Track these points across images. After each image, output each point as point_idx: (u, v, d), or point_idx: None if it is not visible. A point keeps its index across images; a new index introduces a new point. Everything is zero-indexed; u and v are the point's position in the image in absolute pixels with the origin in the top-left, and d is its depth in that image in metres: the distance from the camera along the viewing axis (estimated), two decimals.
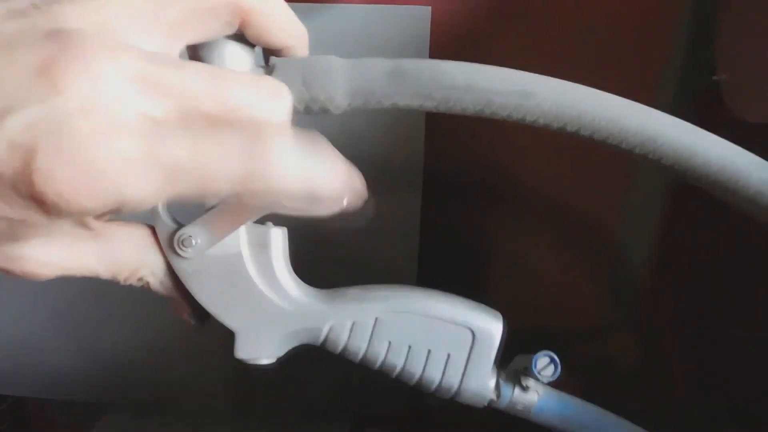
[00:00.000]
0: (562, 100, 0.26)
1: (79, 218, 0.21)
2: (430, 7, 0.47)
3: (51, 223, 0.18)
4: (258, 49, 0.26)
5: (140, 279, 0.25)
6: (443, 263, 0.52)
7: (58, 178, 0.16)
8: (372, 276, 0.50)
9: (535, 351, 0.27)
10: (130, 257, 0.24)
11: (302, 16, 0.25)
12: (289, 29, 0.24)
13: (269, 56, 0.26)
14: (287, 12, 0.24)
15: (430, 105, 0.27)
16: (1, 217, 0.17)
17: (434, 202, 0.50)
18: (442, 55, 0.46)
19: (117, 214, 0.19)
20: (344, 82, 0.26)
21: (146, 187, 0.17)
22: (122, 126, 0.17)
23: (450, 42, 0.47)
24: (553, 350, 0.27)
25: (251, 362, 0.26)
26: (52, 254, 0.21)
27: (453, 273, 0.53)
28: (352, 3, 0.47)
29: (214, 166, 0.19)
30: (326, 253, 0.50)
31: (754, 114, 0.37)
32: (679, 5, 0.45)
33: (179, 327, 0.27)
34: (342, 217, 0.25)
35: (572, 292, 0.52)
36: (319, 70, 0.25)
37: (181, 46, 0.21)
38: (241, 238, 0.25)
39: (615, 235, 0.51)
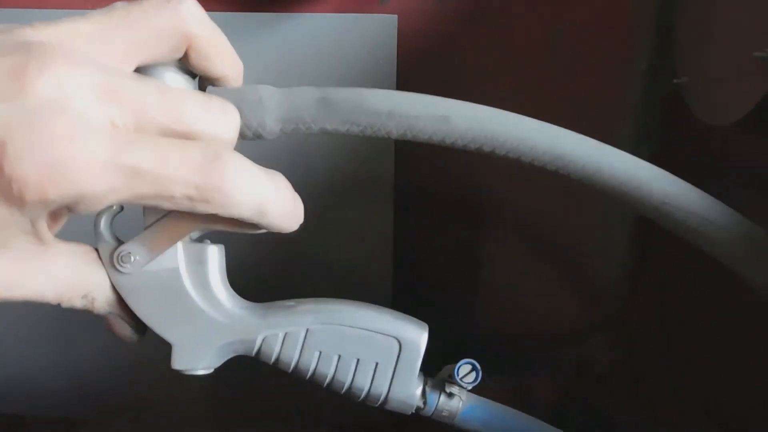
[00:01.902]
0: (476, 123, 0.28)
1: (36, 221, 0.22)
2: (396, 16, 0.48)
3: (8, 226, 0.19)
4: (196, 81, 0.28)
5: (85, 296, 0.26)
6: (417, 274, 0.53)
7: (27, 167, 0.18)
8: (347, 288, 0.52)
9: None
10: (77, 275, 0.25)
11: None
12: (227, 59, 0.27)
13: (206, 86, 0.28)
14: (227, 43, 0.27)
15: (356, 130, 0.29)
16: None
17: (406, 213, 0.51)
18: (410, 62, 0.48)
19: (74, 210, 0.21)
20: (275, 109, 0.28)
21: (107, 184, 0.19)
22: (87, 126, 0.19)
23: (417, 49, 0.48)
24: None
25: (188, 373, 0.27)
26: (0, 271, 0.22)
27: (428, 283, 0.53)
28: (320, 12, 0.48)
29: (171, 171, 0.21)
30: (301, 267, 0.51)
31: (713, 116, 0.38)
32: (643, 10, 0.46)
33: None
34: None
35: (548, 298, 0.53)
36: (251, 98, 0.27)
37: (132, 67, 0.23)
38: (179, 254, 0.27)
39: (589, 240, 0.52)
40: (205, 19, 0.25)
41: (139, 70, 0.25)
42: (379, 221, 0.51)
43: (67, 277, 0.25)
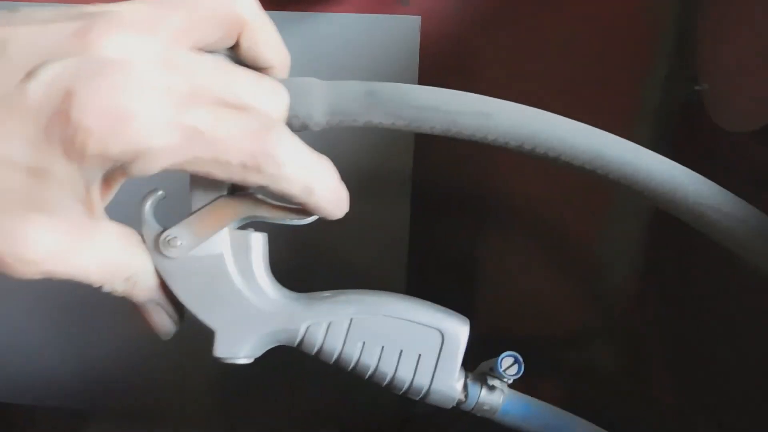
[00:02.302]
0: (518, 121, 0.29)
1: (91, 184, 0.22)
2: (419, 17, 0.48)
3: (65, 187, 0.19)
4: None
5: (128, 279, 0.25)
6: (431, 272, 0.53)
7: (92, 116, 0.18)
8: (362, 284, 0.51)
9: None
10: (123, 256, 0.25)
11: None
12: (277, 48, 0.27)
13: None
14: (276, 34, 0.27)
15: (400, 124, 0.29)
16: (23, 168, 0.18)
17: (423, 211, 0.51)
18: (432, 63, 0.48)
19: (130, 171, 0.20)
20: (323, 101, 0.29)
21: (166, 141, 0.19)
22: (149, 85, 0.19)
23: (440, 51, 0.48)
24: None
25: (229, 361, 0.27)
26: (50, 238, 0.21)
27: (440, 281, 0.53)
28: (343, 12, 0.48)
29: (229, 134, 0.21)
30: (317, 262, 0.51)
31: (734, 123, 0.38)
32: (663, 16, 0.47)
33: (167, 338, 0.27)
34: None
35: (555, 300, 0.53)
36: (300, 90, 0.28)
37: (187, 47, 0.23)
38: (224, 240, 0.27)
39: (596, 243, 0.53)
40: (257, 6, 0.26)
41: None
42: (396, 218, 0.51)
43: (114, 257, 0.24)
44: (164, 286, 0.26)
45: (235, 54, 0.27)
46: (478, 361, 0.30)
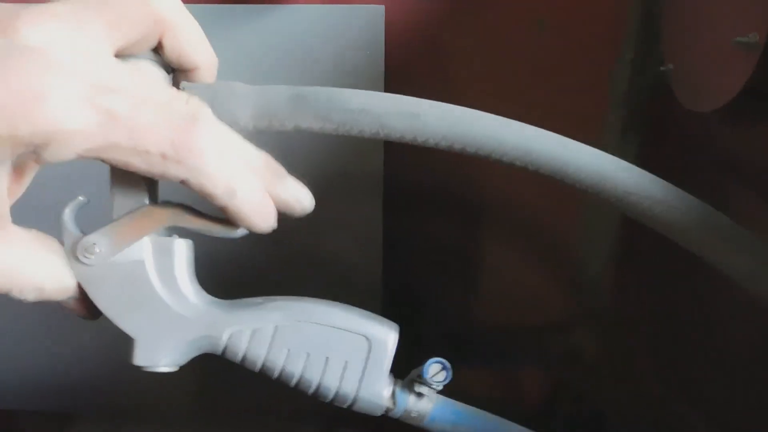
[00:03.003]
0: (446, 121, 0.28)
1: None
2: (383, 6, 0.47)
3: None
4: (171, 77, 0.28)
5: (39, 289, 0.25)
6: (408, 269, 0.53)
7: (1, 95, 0.18)
8: (335, 286, 0.51)
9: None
10: (25, 264, 0.24)
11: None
12: (201, 48, 0.27)
13: (180, 81, 0.28)
14: (201, 34, 0.27)
15: (329, 127, 0.29)
16: None
17: (395, 208, 0.51)
18: (397, 53, 0.48)
19: (42, 156, 0.20)
20: (249, 105, 0.28)
21: (81, 123, 0.19)
22: (67, 67, 0.19)
23: (404, 40, 0.48)
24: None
25: (149, 369, 0.27)
26: None
27: (418, 276, 0.53)
28: (306, 3, 0.47)
29: (147, 123, 0.21)
30: (288, 265, 0.51)
31: (697, 103, 0.38)
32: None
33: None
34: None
35: (537, 290, 0.53)
36: (225, 94, 0.27)
37: (108, 50, 0.23)
38: (145, 247, 0.27)
39: (577, 232, 0.53)
40: (179, 6, 0.25)
41: None
42: (369, 217, 0.50)
43: (16, 265, 0.24)
44: (81, 292, 0.26)
45: (160, 56, 0.26)
46: (465, 354, 0.29)
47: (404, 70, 0.49)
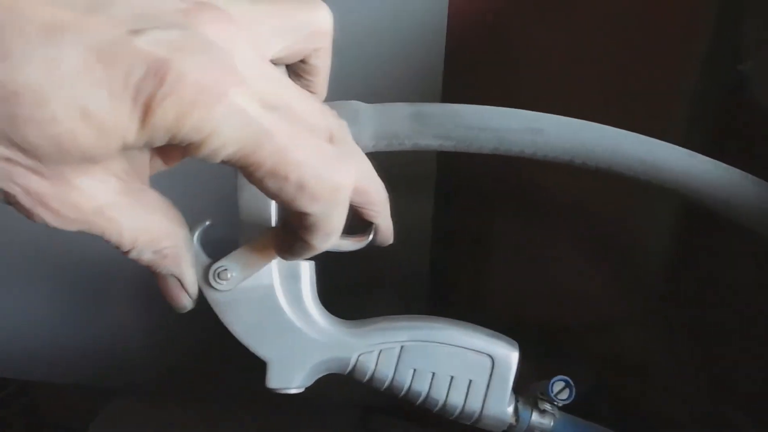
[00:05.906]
0: (569, 135, 0.28)
1: (154, 154, 0.22)
2: None
3: (131, 147, 0.19)
4: None
5: (158, 252, 0.24)
6: (456, 262, 0.52)
7: (185, 83, 0.18)
8: (383, 279, 0.51)
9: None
10: (163, 225, 0.24)
11: None
12: (325, 79, 0.26)
13: None
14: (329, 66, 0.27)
15: (448, 145, 0.29)
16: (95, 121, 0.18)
17: (446, 201, 0.50)
18: (458, 41, 0.46)
19: (192, 148, 0.20)
20: (369, 125, 0.28)
21: (238, 128, 0.19)
22: (245, 75, 0.19)
23: (467, 27, 0.46)
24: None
25: (281, 391, 0.27)
26: (101, 191, 0.21)
27: (465, 272, 0.53)
28: None
29: (300, 147, 0.20)
30: (334, 258, 0.51)
31: None
32: None
33: (187, 312, 0.26)
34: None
35: (586, 288, 0.53)
36: (347, 114, 0.27)
37: (270, 53, 0.23)
38: (273, 270, 0.27)
39: (630, 231, 0.52)
40: (332, 24, 0.25)
41: None
42: (419, 210, 0.50)
43: (153, 224, 0.23)
44: (189, 268, 0.25)
45: (289, 73, 0.26)
46: None
47: (466, 55, 0.47)
